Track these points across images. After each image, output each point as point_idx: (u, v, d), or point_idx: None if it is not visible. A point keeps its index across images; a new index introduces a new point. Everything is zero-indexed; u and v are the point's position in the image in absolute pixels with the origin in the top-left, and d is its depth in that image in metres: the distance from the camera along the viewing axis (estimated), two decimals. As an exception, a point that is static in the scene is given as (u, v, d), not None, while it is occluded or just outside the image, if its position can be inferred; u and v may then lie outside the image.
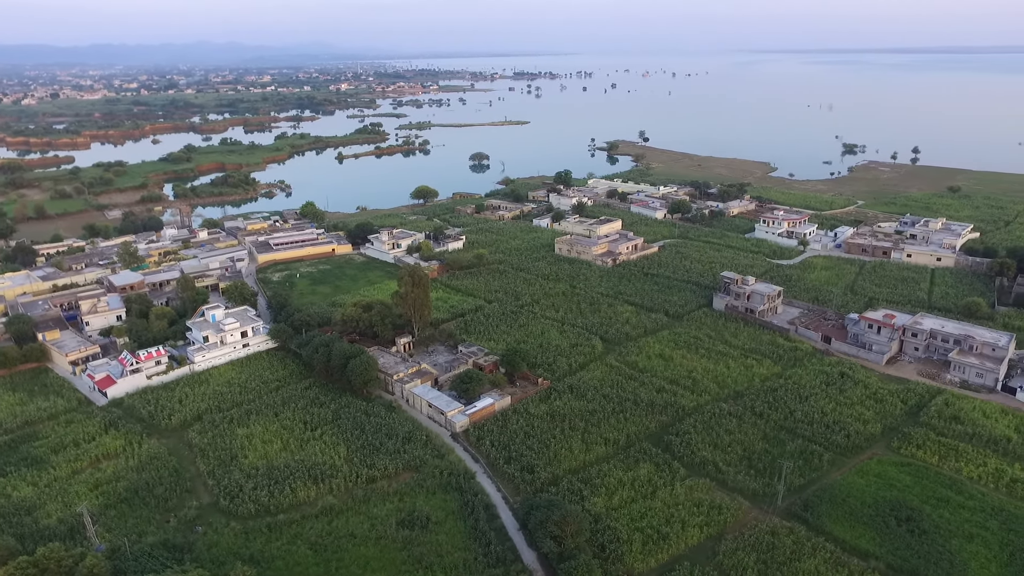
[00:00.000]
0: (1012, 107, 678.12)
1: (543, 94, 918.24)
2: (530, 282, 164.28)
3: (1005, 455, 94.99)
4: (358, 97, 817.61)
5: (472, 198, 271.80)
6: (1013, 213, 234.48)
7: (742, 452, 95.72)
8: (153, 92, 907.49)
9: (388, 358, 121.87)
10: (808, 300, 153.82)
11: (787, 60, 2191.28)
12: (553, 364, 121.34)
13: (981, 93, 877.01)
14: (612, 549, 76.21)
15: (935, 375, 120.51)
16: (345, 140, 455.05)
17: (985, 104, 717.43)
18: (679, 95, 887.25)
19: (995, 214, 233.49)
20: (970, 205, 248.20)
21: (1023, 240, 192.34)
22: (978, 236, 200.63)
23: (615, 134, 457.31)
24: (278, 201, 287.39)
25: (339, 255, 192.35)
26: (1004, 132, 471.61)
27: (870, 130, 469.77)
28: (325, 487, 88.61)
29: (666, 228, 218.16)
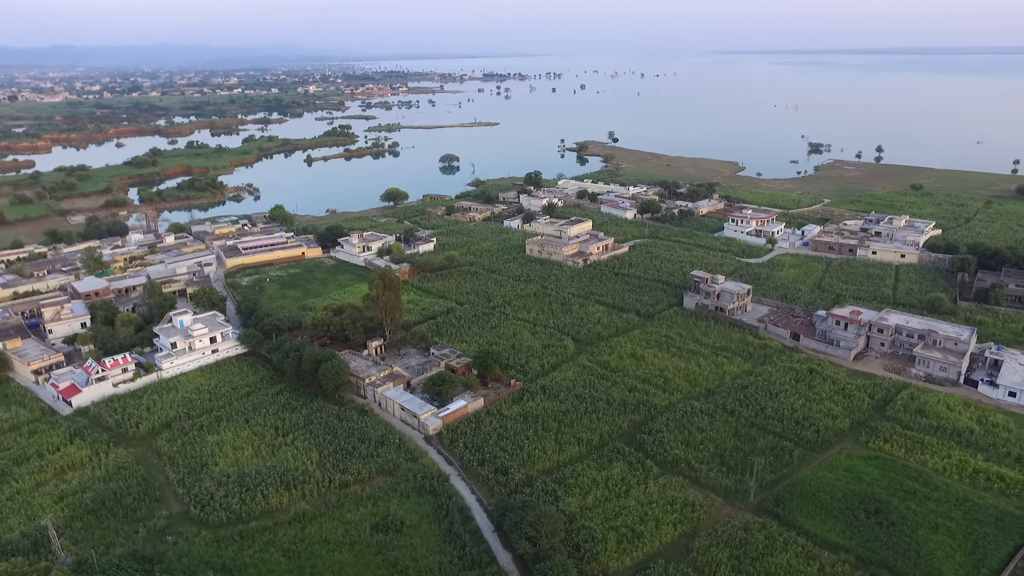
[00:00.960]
0: (970, 106, 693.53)
1: (512, 95, 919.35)
2: (501, 283, 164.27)
3: (968, 447, 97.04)
4: (326, 99, 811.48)
5: (442, 200, 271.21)
6: (973, 210, 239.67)
7: (714, 449, 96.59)
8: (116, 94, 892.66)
9: (360, 362, 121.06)
10: (777, 298, 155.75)
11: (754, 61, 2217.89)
12: (525, 365, 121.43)
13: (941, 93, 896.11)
14: (587, 548, 76.42)
15: (901, 370, 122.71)
16: (314, 142, 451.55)
17: (945, 104, 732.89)
18: (648, 96, 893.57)
19: (956, 211, 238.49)
20: (932, 202, 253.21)
21: (983, 236, 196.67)
22: (940, 233, 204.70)
23: (585, 135, 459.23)
24: (246, 204, 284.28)
25: (309, 258, 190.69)
26: (963, 131, 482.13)
27: (835, 129, 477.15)
28: (297, 493, 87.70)
29: (636, 228, 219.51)
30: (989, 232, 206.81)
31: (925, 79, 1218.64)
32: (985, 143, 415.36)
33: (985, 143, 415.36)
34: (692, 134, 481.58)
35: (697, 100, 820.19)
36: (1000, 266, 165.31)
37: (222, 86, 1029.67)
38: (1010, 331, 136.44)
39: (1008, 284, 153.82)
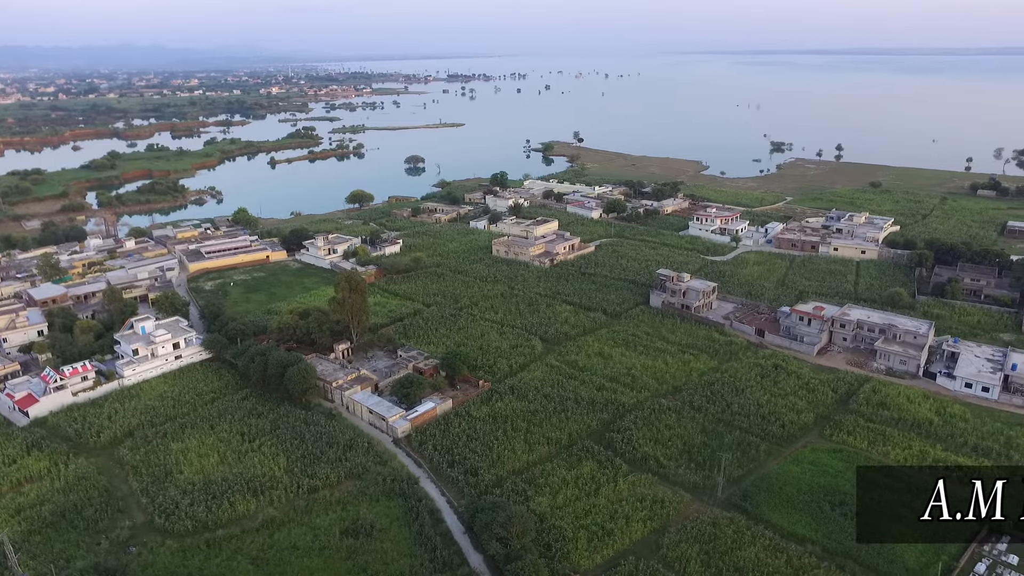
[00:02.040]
0: (925, 106, 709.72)
1: (477, 96, 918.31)
2: (468, 284, 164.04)
3: (928, 437, 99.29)
4: (290, 101, 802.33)
5: (408, 201, 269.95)
6: (929, 206, 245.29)
7: (682, 446, 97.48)
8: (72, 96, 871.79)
9: (327, 365, 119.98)
10: (742, 295, 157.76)
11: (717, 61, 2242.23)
12: (494, 366, 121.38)
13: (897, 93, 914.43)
14: (558, 548, 76.65)
15: (862, 363, 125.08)
16: (277, 145, 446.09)
17: (901, 103, 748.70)
18: (612, 96, 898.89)
19: (913, 208, 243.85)
20: (891, 199, 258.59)
21: (939, 232, 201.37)
22: (898, 229, 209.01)
23: (550, 135, 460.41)
24: (209, 208, 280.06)
25: (274, 262, 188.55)
26: (919, 129, 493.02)
27: (796, 128, 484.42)
28: (265, 499, 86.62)
29: (602, 227, 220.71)
30: (945, 228, 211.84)
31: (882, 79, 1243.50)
32: (940, 141, 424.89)
33: (940, 141, 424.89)
34: (657, 133, 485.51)
35: (661, 100, 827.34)
36: (956, 261, 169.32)
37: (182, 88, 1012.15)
38: (966, 324, 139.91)
39: (963, 278, 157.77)
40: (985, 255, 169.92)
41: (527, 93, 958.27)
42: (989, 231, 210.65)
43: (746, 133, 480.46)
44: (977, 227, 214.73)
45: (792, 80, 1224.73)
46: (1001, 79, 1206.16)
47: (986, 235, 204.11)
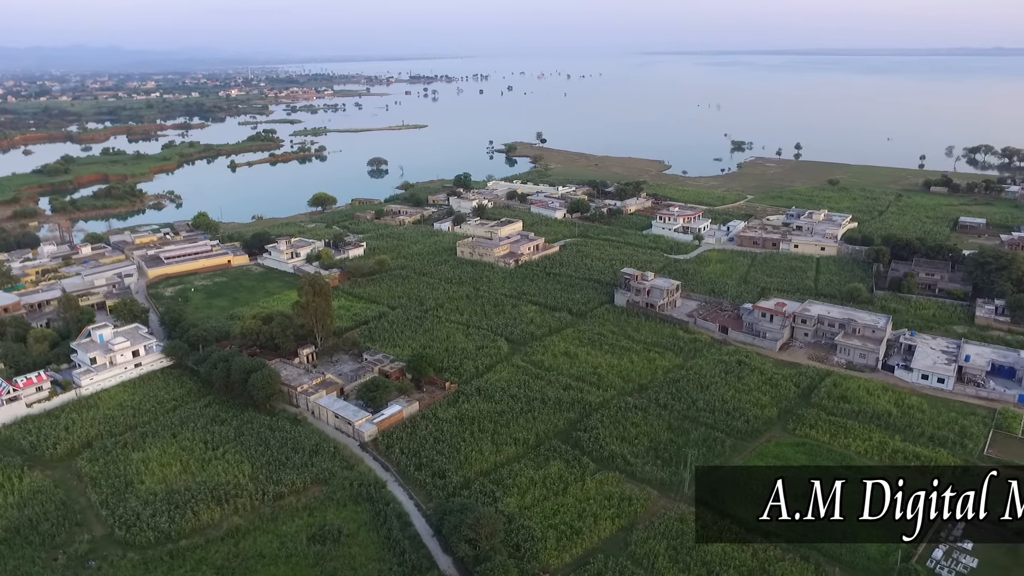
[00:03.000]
0: (880, 105, 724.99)
1: (440, 97, 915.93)
2: (433, 286, 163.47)
3: (887, 428, 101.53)
4: (250, 103, 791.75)
5: (372, 204, 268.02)
6: (885, 203, 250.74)
7: (649, 443, 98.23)
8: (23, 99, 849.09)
9: (291, 370, 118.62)
10: (705, 292, 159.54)
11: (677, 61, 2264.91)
12: (460, 367, 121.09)
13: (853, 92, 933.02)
14: (527, 548, 76.70)
15: (823, 358, 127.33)
16: (238, 148, 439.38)
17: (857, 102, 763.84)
18: (575, 96, 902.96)
19: (870, 204, 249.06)
20: (848, 197, 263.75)
21: (895, 228, 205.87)
22: (856, 226, 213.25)
23: (513, 136, 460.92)
24: (168, 212, 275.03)
25: (235, 266, 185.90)
26: (874, 128, 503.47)
27: (756, 128, 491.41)
28: (230, 507, 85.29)
29: (566, 227, 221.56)
30: (900, 224, 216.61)
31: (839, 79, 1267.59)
32: (895, 140, 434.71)
33: (895, 140, 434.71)
34: (619, 134, 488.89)
35: (623, 100, 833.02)
36: (911, 256, 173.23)
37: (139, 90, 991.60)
38: (921, 317, 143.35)
39: (919, 273, 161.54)
40: (939, 250, 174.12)
41: (490, 94, 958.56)
42: (942, 227, 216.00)
43: (707, 133, 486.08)
44: (931, 223, 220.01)
45: (752, 80, 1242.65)
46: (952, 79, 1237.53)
47: (939, 231, 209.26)
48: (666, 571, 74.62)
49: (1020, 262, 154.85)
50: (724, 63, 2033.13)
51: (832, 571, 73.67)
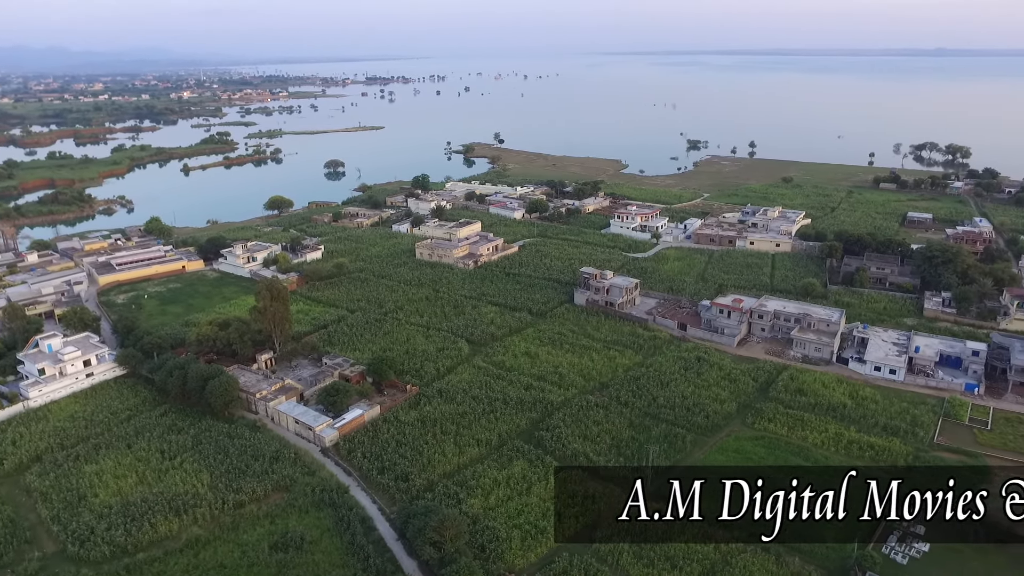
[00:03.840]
0: (830, 104, 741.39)
1: (397, 98, 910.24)
2: (393, 288, 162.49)
3: (842, 420, 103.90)
4: (202, 105, 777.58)
5: (329, 206, 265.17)
6: (837, 200, 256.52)
7: (611, 441, 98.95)
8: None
9: (249, 376, 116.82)
10: (664, 290, 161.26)
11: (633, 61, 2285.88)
12: (421, 370, 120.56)
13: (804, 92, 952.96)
14: (492, 548, 76.67)
15: (780, 352, 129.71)
16: (191, 151, 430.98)
17: (808, 101, 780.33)
18: (532, 97, 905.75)
19: (822, 201, 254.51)
20: (801, 194, 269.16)
21: (847, 224, 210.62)
22: (810, 222, 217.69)
23: (471, 137, 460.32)
24: (119, 218, 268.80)
25: (190, 272, 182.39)
26: (825, 126, 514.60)
27: (711, 126, 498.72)
28: (189, 518, 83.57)
29: (525, 228, 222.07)
30: (852, 220, 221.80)
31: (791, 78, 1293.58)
32: (845, 138, 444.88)
33: (845, 138, 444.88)
34: (576, 133, 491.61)
35: (580, 100, 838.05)
36: (863, 251, 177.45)
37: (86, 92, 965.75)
38: (873, 310, 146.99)
39: (870, 267, 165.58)
40: (889, 245, 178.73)
41: (447, 95, 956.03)
42: (891, 222, 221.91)
43: (664, 132, 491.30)
44: (881, 218, 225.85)
45: (706, 80, 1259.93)
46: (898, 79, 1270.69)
47: (889, 226, 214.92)
48: (630, 567, 75.31)
49: (964, 256, 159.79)
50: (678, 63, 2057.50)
51: (792, 561, 75.02)
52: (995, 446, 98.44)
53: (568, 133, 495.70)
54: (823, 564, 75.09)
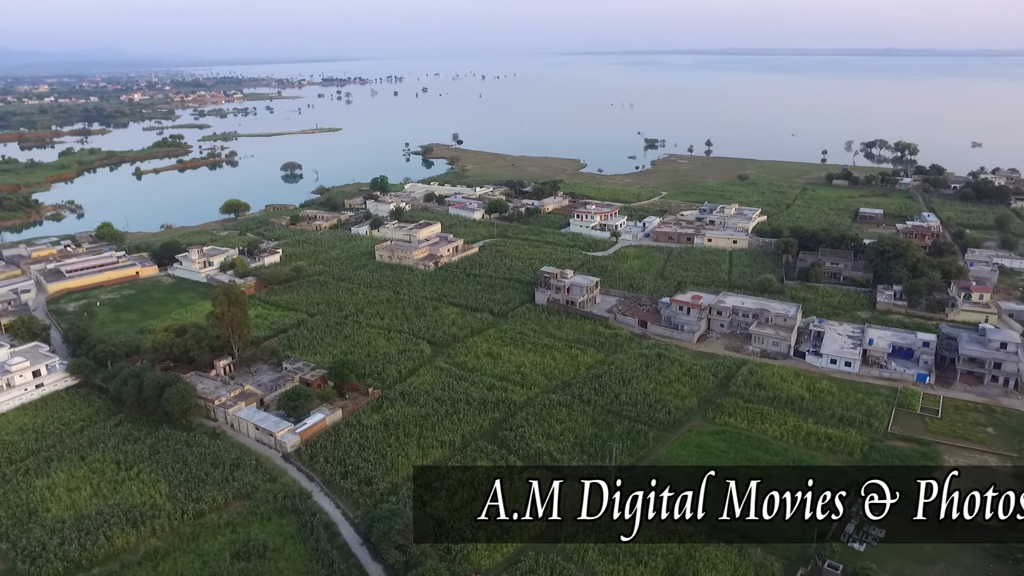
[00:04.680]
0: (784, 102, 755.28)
1: (354, 100, 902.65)
2: (353, 291, 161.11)
3: (800, 412, 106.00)
4: (154, 108, 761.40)
5: (286, 209, 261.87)
6: (792, 197, 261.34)
7: (574, 439, 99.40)
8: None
9: (208, 383, 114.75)
10: (624, 288, 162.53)
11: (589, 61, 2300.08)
12: (382, 372, 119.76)
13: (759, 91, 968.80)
14: (458, 550, 76.41)
15: (739, 347, 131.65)
16: (143, 154, 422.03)
17: (763, 100, 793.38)
18: (490, 97, 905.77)
19: (778, 198, 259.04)
20: (757, 191, 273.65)
21: (802, 220, 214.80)
22: (766, 219, 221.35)
23: (429, 137, 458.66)
24: (68, 224, 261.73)
25: (144, 278, 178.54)
26: (779, 124, 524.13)
27: (668, 125, 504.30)
28: (147, 529, 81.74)
29: (485, 228, 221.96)
30: (806, 216, 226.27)
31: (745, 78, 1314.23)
32: (798, 136, 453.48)
33: (798, 136, 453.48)
34: (535, 133, 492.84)
35: (538, 100, 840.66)
36: (817, 246, 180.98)
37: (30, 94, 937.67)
38: (828, 305, 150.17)
39: (825, 262, 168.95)
40: (842, 240, 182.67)
41: (404, 96, 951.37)
42: (844, 217, 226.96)
43: (621, 131, 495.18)
44: (834, 214, 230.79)
45: (663, 79, 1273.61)
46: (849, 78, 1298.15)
47: (842, 221, 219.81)
48: (596, 564, 75.69)
49: (914, 250, 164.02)
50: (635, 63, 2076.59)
51: (754, 552, 76.16)
52: (945, 433, 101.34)
53: (527, 133, 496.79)
54: (784, 555, 76.37)
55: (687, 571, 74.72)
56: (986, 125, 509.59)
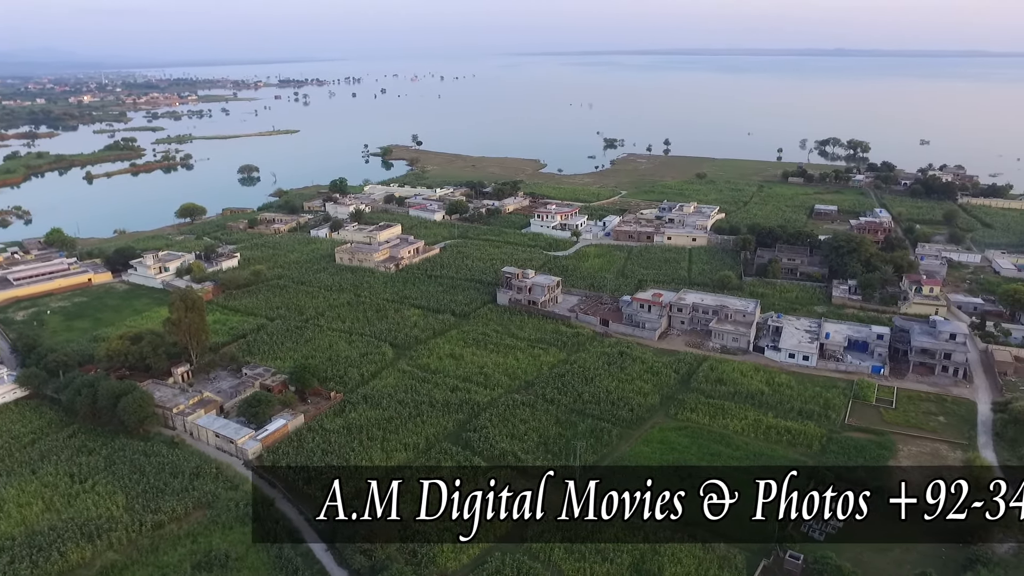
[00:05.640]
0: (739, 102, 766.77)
1: (312, 101, 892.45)
2: (313, 295, 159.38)
3: (760, 406, 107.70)
4: (105, 110, 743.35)
5: (244, 213, 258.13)
6: (749, 194, 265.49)
7: (538, 439, 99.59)
8: None
9: (165, 391, 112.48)
10: (585, 287, 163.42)
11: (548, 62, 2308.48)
12: (344, 376, 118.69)
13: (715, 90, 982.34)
14: (424, 552, 76.03)
15: (700, 344, 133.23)
16: (94, 158, 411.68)
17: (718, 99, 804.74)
18: (449, 98, 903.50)
19: (735, 196, 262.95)
20: (715, 189, 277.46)
21: (759, 217, 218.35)
22: (724, 216, 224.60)
23: (388, 139, 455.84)
24: (15, 230, 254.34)
25: (97, 285, 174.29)
26: (736, 123, 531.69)
27: (627, 125, 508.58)
28: (103, 543, 79.69)
29: (446, 229, 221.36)
30: (763, 213, 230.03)
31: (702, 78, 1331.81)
32: (755, 134, 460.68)
33: (755, 134, 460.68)
34: (495, 134, 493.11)
35: (497, 101, 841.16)
36: (774, 243, 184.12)
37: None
38: (786, 300, 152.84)
39: (782, 258, 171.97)
40: (798, 236, 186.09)
41: (363, 97, 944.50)
42: (800, 214, 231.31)
43: (581, 131, 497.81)
44: (790, 211, 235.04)
45: (619, 79, 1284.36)
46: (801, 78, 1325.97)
47: (798, 218, 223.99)
48: (562, 563, 75.91)
49: (867, 245, 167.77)
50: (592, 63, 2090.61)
51: (718, 546, 77.10)
52: (900, 423, 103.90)
53: (487, 134, 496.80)
54: (747, 547, 77.35)
55: (652, 566, 75.37)
56: (933, 123, 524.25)
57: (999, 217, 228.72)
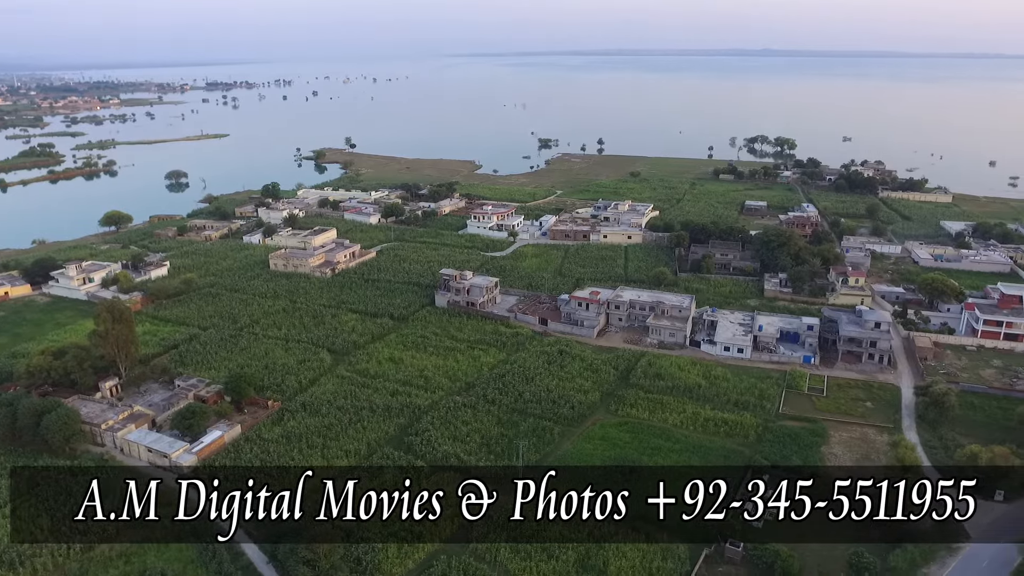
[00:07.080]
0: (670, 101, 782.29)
1: (241, 104, 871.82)
2: (247, 302, 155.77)
3: (698, 399, 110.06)
4: (19, 114, 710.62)
5: (173, 220, 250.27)
6: (682, 192, 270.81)
7: (480, 440, 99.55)
8: None
9: (93, 406, 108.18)
10: (523, 287, 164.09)
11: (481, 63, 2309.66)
12: (282, 384, 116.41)
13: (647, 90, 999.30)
14: (368, 560, 75.13)
15: (638, 340, 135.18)
16: (7, 165, 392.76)
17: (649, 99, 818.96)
18: (382, 100, 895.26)
19: (669, 193, 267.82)
20: (649, 187, 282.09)
21: (692, 214, 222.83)
22: (658, 214, 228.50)
23: (321, 142, 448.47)
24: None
25: (15, 298, 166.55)
26: (667, 122, 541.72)
27: (560, 125, 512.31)
28: (26, 570, 76.14)
29: (382, 232, 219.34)
30: (696, 210, 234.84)
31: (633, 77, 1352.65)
32: (685, 133, 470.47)
33: (685, 133, 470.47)
34: (430, 135, 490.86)
35: (431, 102, 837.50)
36: (708, 239, 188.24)
37: None
38: (720, 294, 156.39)
39: (715, 254, 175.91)
40: (730, 232, 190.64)
41: (294, 100, 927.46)
42: (731, 210, 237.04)
43: (515, 132, 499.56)
44: (722, 207, 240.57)
45: (554, 80, 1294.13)
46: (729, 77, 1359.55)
47: (729, 214, 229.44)
48: (508, 562, 75.98)
49: (796, 239, 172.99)
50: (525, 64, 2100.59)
51: (660, 537, 78.24)
52: (831, 411, 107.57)
53: (421, 135, 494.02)
54: (690, 538, 78.68)
55: (598, 561, 76.16)
56: (854, 121, 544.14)
57: (916, 210, 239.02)
